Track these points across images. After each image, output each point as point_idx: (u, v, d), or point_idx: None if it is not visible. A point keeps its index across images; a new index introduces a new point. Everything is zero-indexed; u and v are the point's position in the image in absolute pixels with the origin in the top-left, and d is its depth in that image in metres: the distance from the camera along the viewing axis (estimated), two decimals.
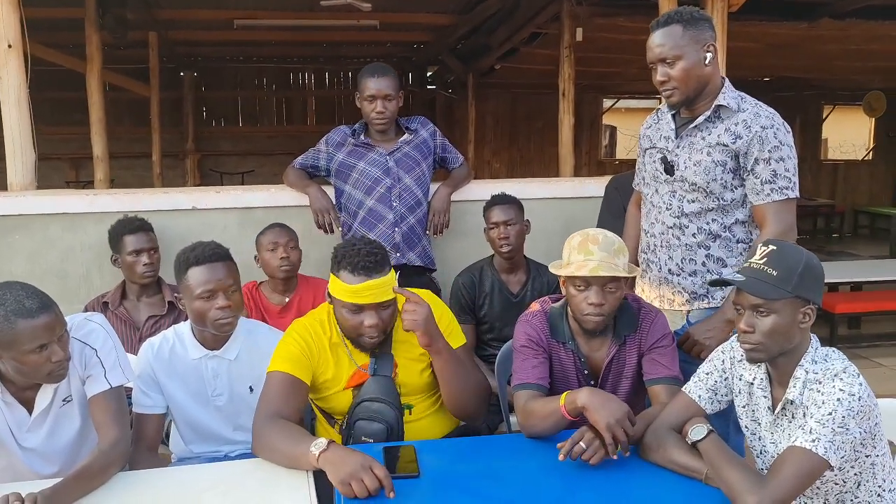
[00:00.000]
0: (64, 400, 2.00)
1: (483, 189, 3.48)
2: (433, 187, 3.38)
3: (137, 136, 9.96)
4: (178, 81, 10.97)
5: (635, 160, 2.60)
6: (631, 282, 2.60)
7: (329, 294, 2.13)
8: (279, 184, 3.58)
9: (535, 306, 2.28)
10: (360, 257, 2.05)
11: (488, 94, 11.60)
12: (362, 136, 3.26)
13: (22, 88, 3.39)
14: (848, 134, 16.25)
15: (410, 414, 2.20)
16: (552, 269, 2.14)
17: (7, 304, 1.77)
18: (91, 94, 6.38)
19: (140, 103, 9.75)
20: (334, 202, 3.30)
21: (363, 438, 2.09)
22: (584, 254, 2.05)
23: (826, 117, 13.42)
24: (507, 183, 3.73)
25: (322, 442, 1.81)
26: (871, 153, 13.83)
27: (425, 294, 2.32)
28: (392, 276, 2.12)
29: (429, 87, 12.23)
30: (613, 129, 15.79)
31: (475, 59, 9.52)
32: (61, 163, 10.35)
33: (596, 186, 3.73)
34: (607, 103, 13.22)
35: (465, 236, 3.59)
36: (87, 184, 9.40)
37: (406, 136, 3.28)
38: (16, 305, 1.77)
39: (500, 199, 3.20)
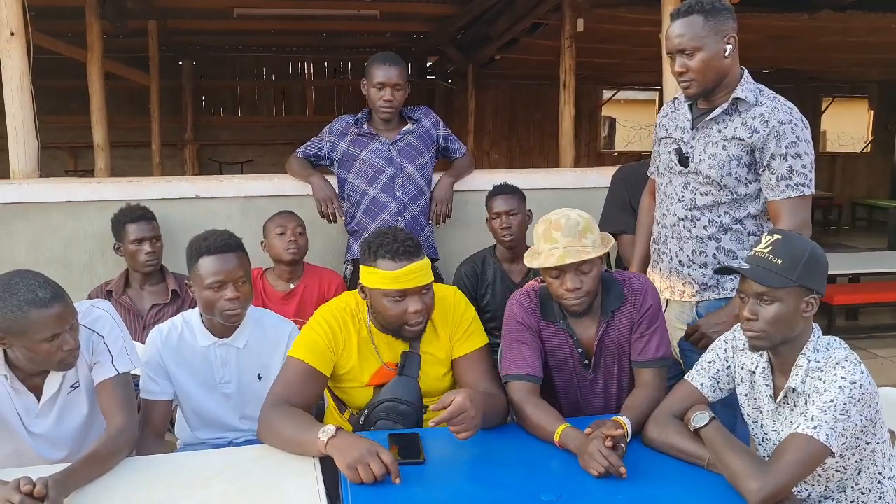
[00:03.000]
0: (72, 386, 2.02)
1: (485, 179, 3.49)
2: (436, 177, 3.39)
3: (136, 125, 9.94)
4: (177, 71, 10.94)
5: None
6: (642, 269, 2.59)
7: (363, 288, 2.09)
8: (279, 173, 3.59)
9: (525, 287, 2.24)
10: (399, 243, 2.02)
11: (488, 85, 11.60)
12: (365, 126, 3.26)
13: (25, 76, 3.38)
14: (846, 126, 16.26)
15: (425, 411, 2.18)
16: (525, 261, 2.09)
17: (20, 293, 1.78)
18: (92, 83, 6.37)
19: (139, 92, 9.73)
20: (337, 191, 3.31)
21: None
22: (549, 242, 2.01)
23: (825, 109, 13.44)
24: (509, 173, 3.74)
25: (330, 429, 1.82)
26: (869, 146, 13.86)
27: (450, 291, 2.27)
28: (427, 262, 2.07)
29: (428, 77, 12.21)
30: (613, 121, 15.78)
31: (475, 50, 9.51)
32: (60, 151, 10.32)
33: (598, 177, 3.74)
34: (606, 94, 13.21)
35: (467, 226, 3.60)
36: (86, 172, 9.39)
37: (409, 126, 3.29)
38: (29, 295, 1.78)
39: (503, 189, 3.21)
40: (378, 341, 2.15)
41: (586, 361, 2.19)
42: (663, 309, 2.29)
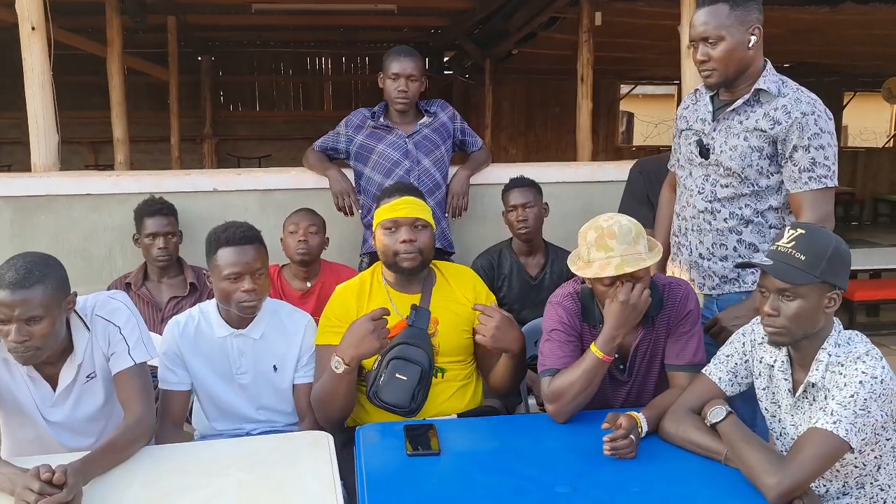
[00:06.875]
0: (87, 377, 2.04)
1: (502, 172, 3.48)
2: (452, 170, 3.39)
3: (155, 120, 10.02)
4: (195, 66, 10.99)
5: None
6: (661, 262, 2.55)
7: (374, 238, 2.30)
8: (297, 167, 3.60)
9: (565, 288, 2.21)
10: (399, 185, 2.35)
11: (505, 80, 11.57)
12: (382, 119, 3.26)
13: (45, 70, 3.41)
14: (868, 121, 16.06)
15: (442, 378, 2.20)
16: (574, 270, 2.03)
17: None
18: (112, 78, 6.42)
19: (158, 88, 9.79)
20: (354, 185, 3.31)
21: (397, 375, 2.10)
22: (603, 250, 1.94)
23: (846, 104, 13.28)
24: (525, 166, 3.73)
25: (337, 360, 2.03)
26: (891, 140, 13.68)
27: (465, 271, 2.41)
28: (425, 206, 2.28)
29: (446, 72, 12.20)
30: (631, 116, 15.68)
31: (493, 45, 9.49)
32: (81, 146, 10.43)
33: (615, 171, 3.73)
34: (624, 89, 13.13)
35: (483, 219, 3.60)
36: (107, 167, 9.47)
37: (425, 119, 3.29)
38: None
39: (519, 182, 3.20)
40: (395, 297, 2.28)
41: (621, 366, 2.17)
42: None
